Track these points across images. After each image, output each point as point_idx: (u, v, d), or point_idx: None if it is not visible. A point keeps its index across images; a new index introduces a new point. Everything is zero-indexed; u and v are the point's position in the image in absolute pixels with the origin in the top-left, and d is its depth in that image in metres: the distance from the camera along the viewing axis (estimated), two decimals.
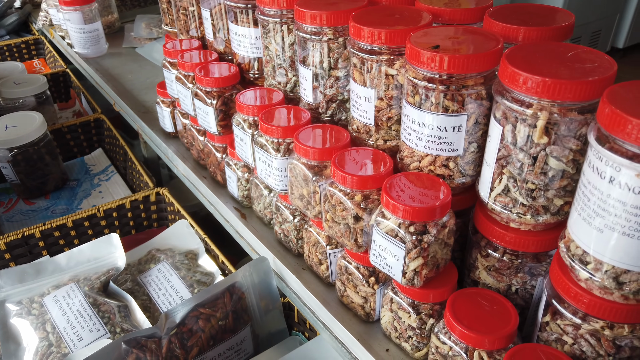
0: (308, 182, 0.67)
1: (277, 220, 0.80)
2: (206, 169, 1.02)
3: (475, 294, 0.57)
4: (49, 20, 1.94)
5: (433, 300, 0.59)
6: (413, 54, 0.54)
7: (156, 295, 0.86)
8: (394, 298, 0.61)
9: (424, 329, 0.59)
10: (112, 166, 1.33)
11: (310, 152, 0.66)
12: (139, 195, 1.06)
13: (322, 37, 0.69)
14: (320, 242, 0.71)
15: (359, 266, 0.65)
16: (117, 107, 1.33)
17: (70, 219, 0.99)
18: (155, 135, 1.12)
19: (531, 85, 0.47)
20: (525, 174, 0.51)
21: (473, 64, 0.52)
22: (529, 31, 0.58)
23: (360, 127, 0.68)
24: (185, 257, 0.93)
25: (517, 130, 0.50)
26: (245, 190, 0.89)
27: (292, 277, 0.74)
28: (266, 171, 0.75)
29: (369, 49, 0.62)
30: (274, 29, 0.78)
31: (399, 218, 0.55)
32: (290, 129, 0.70)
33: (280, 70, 0.81)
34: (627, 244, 0.42)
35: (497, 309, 0.55)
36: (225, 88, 0.87)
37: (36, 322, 0.78)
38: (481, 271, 0.60)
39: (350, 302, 0.69)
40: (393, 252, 0.56)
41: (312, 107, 0.75)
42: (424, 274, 0.56)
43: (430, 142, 0.57)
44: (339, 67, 0.70)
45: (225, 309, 0.72)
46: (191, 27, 1.04)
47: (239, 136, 0.81)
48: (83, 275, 0.86)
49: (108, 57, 1.63)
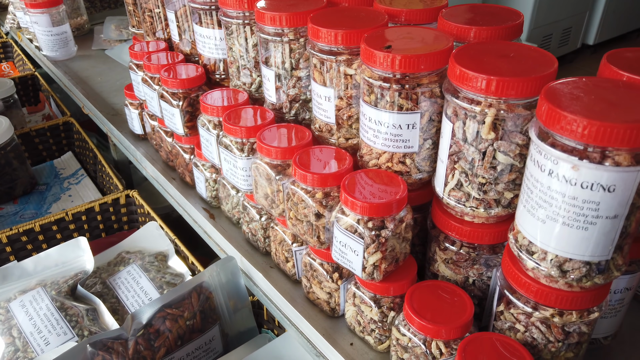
0: (271, 181, 0.68)
1: (245, 219, 0.81)
2: (175, 171, 1.02)
3: (434, 286, 0.58)
4: (16, 23, 1.91)
5: (393, 293, 0.60)
6: (367, 54, 0.56)
7: (125, 297, 0.86)
8: (356, 292, 0.63)
9: (385, 322, 0.61)
10: (82, 169, 1.32)
11: (272, 152, 0.67)
12: (108, 198, 1.06)
13: (283, 38, 0.70)
14: (286, 240, 0.72)
15: (323, 262, 0.66)
16: (86, 110, 1.32)
17: (37, 224, 0.99)
18: (124, 137, 1.11)
19: (478, 83, 0.48)
20: (475, 168, 0.52)
21: (424, 62, 0.54)
22: (480, 31, 0.60)
23: (322, 126, 0.69)
24: (155, 259, 0.93)
25: (467, 126, 0.51)
26: (213, 191, 0.89)
27: (259, 275, 0.75)
28: (231, 171, 0.75)
29: (327, 49, 0.63)
30: (237, 30, 0.79)
31: (357, 214, 0.56)
32: (254, 129, 0.71)
33: (245, 71, 0.82)
34: (568, 234, 0.44)
35: (454, 300, 0.57)
36: (191, 89, 0.87)
37: (2, 328, 0.77)
38: (440, 264, 0.62)
39: (316, 298, 0.70)
40: (353, 247, 0.57)
41: (275, 107, 0.76)
42: (383, 268, 0.58)
43: (387, 139, 0.58)
44: (301, 68, 0.71)
45: (192, 309, 0.73)
46: (157, 29, 1.04)
47: (204, 137, 0.81)
48: (50, 280, 0.85)
49: (77, 59, 1.62)
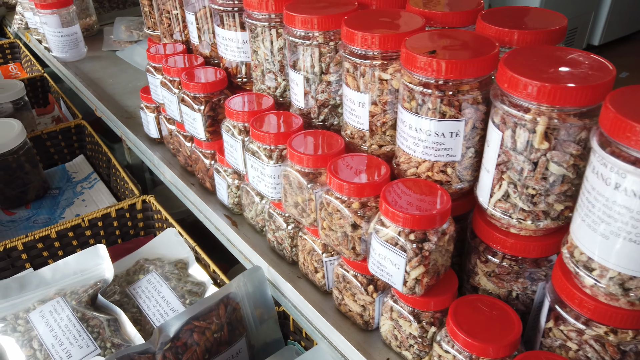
0: (303, 190, 0.65)
1: (270, 227, 0.78)
2: (194, 176, 0.99)
3: (477, 301, 0.56)
4: (24, 24, 1.88)
5: (434, 308, 0.58)
6: (409, 58, 0.53)
7: (147, 307, 0.83)
8: (394, 306, 0.61)
9: (425, 337, 0.59)
10: (95, 173, 1.30)
11: (304, 159, 0.64)
12: (124, 204, 1.03)
13: (313, 42, 0.67)
14: (316, 250, 0.70)
15: (357, 274, 0.64)
16: (98, 112, 1.30)
17: (53, 230, 0.96)
18: (140, 141, 1.09)
19: (531, 90, 0.46)
20: (525, 179, 0.50)
21: (470, 69, 0.51)
22: (523, 34, 0.57)
23: (354, 132, 0.67)
24: (175, 267, 0.91)
25: (517, 135, 0.49)
26: (235, 197, 0.87)
27: (288, 286, 0.72)
28: (258, 178, 0.73)
29: (361, 53, 0.61)
30: (262, 33, 0.76)
31: (398, 226, 0.54)
32: (283, 135, 0.69)
33: (270, 74, 0.79)
34: (633, 251, 0.42)
35: (499, 315, 0.54)
36: (212, 93, 0.85)
37: (22, 339, 0.75)
38: (481, 277, 0.60)
39: (348, 310, 0.68)
40: (393, 260, 0.55)
41: (303, 112, 0.74)
42: (425, 282, 0.55)
43: (428, 147, 0.56)
44: (331, 72, 0.69)
45: (220, 321, 0.70)
46: (175, 31, 1.02)
47: (229, 143, 0.79)
48: (70, 289, 0.83)
49: (87, 60, 1.59)
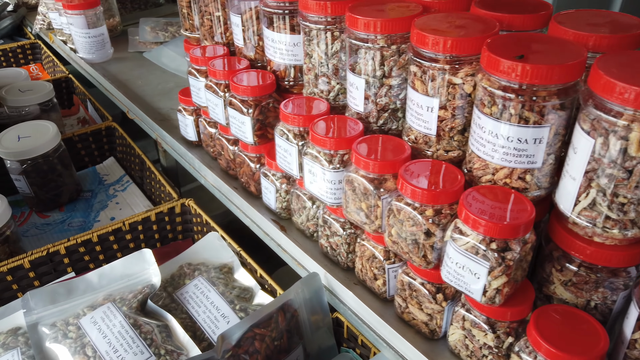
0: (368, 196, 0.64)
1: (324, 233, 0.77)
2: (235, 179, 0.98)
3: (558, 311, 0.55)
4: (46, 24, 1.88)
5: (511, 318, 0.57)
6: (492, 62, 0.52)
7: (196, 313, 0.82)
8: (466, 316, 0.59)
9: (501, 347, 0.57)
10: (127, 176, 1.29)
11: (370, 165, 0.63)
12: (164, 207, 1.02)
13: (376, 45, 0.66)
14: (377, 257, 0.69)
15: (425, 282, 0.63)
16: (130, 114, 1.29)
17: (95, 234, 0.95)
18: (178, 144, 1.08)
19: (628, 95, 0.45)
20: (617, 187, 0.49)
21: (558, 74, 0.50)
22: (601, 39, 0.56)
23: (419, 137, 0.66)
24: (220, 272, 0.90)
25: (610, 143, 0.48)
26: (284, 202, 0.86)
27: (348, 293, 0.71)
28: (316, 184, 0.72)
29: (431, 56, 0.60)
30: (318, 36, 0.75)
31: (480, 234, 0.53)
32: (345, 140, 0.68)
33: (323, 78, 0.78)
34: None
35: (582, 326, 0.53)
36: (262, 97, 0.84)
37: (74, 346, 0.74)
38: (557, 286, 0.58)
39: (412, 318, 0.66)
40: (473, 270, 0.54)
41: (361, 116, 0.73)
42: (506, 292, 0.54)
43: (507, 154, 0.55)
44: (393, 75, 0.68)
45: (279, 328, 0.69)
46: (216, 33, 1.01)
47: (282, 147, 0.78)
48: (118, 294, 0.82)
49: (113, 62, 1.59)
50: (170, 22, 1.74)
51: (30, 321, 0.78)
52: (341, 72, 0.77)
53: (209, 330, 0.80)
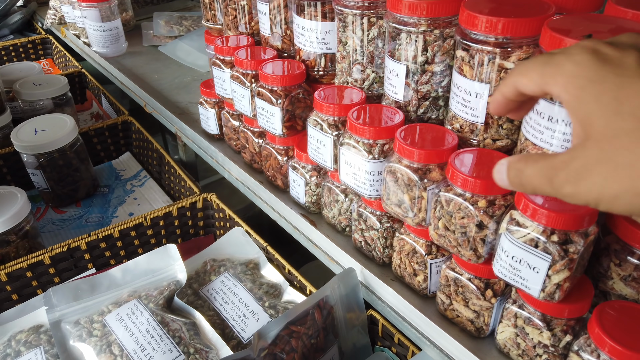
0: (412, 187, 0.61)
1: (358, 227, 0.74)
2: (260, 173, 0.96)
3: (622, 308, 0.52)
4: (58, 19, 1.85)
5: (568, 315, 0.53)
6: (555, 42, 0.49)
7: (224, 310, 0.79)
8: (519, 313, 0.56)
9: (557, 346, 0.54)
10: (144, 171, 1.26)
11: (415, 154, 0.60)
12: (186, 202, 0.99)
13: (420, 29, 0.63)
14: (419, 251, 0.66)
15: (472, 277, 0.60)
16: (148, 108, 1.26)
17: (116, 229, 0.92)
18: (200, 137, 1.05)
19: None
20: None
21: None
22: None
23: (464, 125, 0.63)
24: (247, 268, 0.87)
25: None
26: (313, 196, 0.83)
27: (387, 289, 0.68)
28: (354, 175, 0.69)
29: (482, 39, 0.57)
30: (354, 22, 0.72)
31: (540, 225, 0.49)
32: (386, 129, 0.65)
33: (358, 66, 0.75)
34: None
35: None
36: (292, 87, 0.81)
37: (100, 344, 0.71)
38: (616, 281, 0.55)
39: (456, 316, 0.63)
40: (532, 263, 0.51)
41: (400, 105, 0.70)
42: (566, 288, 0.51)
43: (567, 141, 0.52)
44: (436, 62, 0.65)
45: (316, 326, 0.66)
46: (240, 23, 0.98)
47: (315, 137, 0.75)
48: (143, 291, 0.79)
49: (127, 56, 1.56)
50: (185, 16, 1.71)
51: (53, 319, 0.76)
52: (377, 59, 0.74)
53: (238, 328, 0.77)
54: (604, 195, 0.33)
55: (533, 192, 0.38)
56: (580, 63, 0.34)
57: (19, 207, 0.90)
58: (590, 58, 0.34)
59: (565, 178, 0.34)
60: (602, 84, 0.33)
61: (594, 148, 0.33)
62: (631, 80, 0.32)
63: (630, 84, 0.32)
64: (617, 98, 0.32)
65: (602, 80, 0.33)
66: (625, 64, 0.33)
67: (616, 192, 0.32)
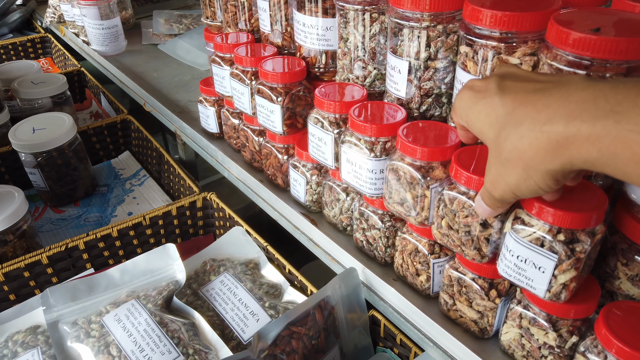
0: (415, 185, 0.60)
1: (360, 226, 0.73)
2: (260, 172, 0.94)
3: (628, 308, 0.50)
4: (57, 17, 1.84)
5: (575, 316, 0.52)
6: (562, 36, 0.48)
7: (224, 310, 0.78)
8: (524, 313, 0.55)
9: (563, 347, 0.53)
10: (144, 170, 1.25)
11: (418, 151, 0.59)
12: (185, 201, 0.98)
13: (422, 24, 0.62)
14: (421, 251, 0.65)
15: (476, 277, 0.59)
16: (147, 106, 1.25)
17: (115, 229, 0.91)
18: (200, 136, 1.04)
19: None
20: None
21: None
22: None
23: None
24: (247, 267, 0.86)
25: None
26: (314, 195, 0.82)
27: (389, 289, 0.67)
28: (355, 173, 0.68)
29: (486, 34, 0.56)
30: (355, 18, 0.71)
31: (546, 224, 0.48)
32: (388, 127, 0.64)
33: (359, 63, 0.74)
34: None
35: None
36: (292, 84, 0.80)
37: (98, 345, 0.70)
38: (623, 281, 0.54)
39: (459, 316, 0.62)
40: (537, 263, 0.50)
41: (402, 102, 0.69)
42: (572, 288, 0.50)
43: None
44: (439, 58, 0.64)
45: (317, 327, 0.65)
46: (240, 20, 0.97)
47: (316, 135, 0.74)
48: (142, 291, 0.78)
49: (127, 54, 1.55)
50: (184, 14, 1.70)
51: (51, 319, 0.75)
52: (379, 56, 0.73)
53: (238, 329, 0.76)
54: (514, 187, 0.43)
55: (500, 203, 0.48)
56: (463, 98, 0.47)
57: (16, 206, 0.89)
58: (467, 92, 0.46)
59: (489, 186, 0.46)
60: (477, 106, 0.44)
61: (493, 155, 0.44)
62: (492, 97, 0.43)
63: (492, 100, 0.43)
64: (487, 114, 0.43)
65: (476, 104, 0.44)
66: (489, 89, 0.44)
67: (516, 183, 0.42)
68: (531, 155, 0.39)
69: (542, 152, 0.39)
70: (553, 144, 0.38)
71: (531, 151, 0.39)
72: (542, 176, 0.40)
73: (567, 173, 0.40)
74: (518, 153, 0.40)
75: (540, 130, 0.38)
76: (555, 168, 0.39)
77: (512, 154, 0.41)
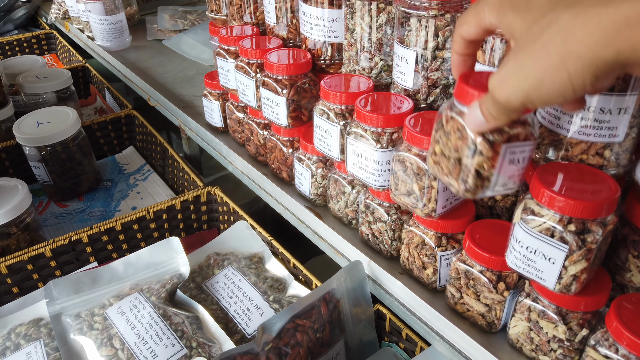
0: (422, 176, 0.59)
1: (365, 219, 0.72)
2: (265, 166, 0.94)
3: (638, 301, 0.50)
4: (62, 13, 1.84)
5: (585, 308, 0.51)
6: None
7: (227, 304, 0.78)
8: (533, 306, 0.54)
9: (573, 340, 0.52)
10: (148, 165, 1.25)
11: (425, 142, 0.58)
12: (189, 195, 0.98)
13: (430, 13, 0.61)
14: (428, 244, 0.64)
15: (484, 269, 0.58)
16: (152, 101, 1.25)
17: (119, 222, 0.91)
18: (204, 130, 1.03)
19: None
20: None
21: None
22: None
23: None
24: (251, 261, 0.85)
25: None
26: (319, 188, 0.81)
27: (396, 282, 0.66)
28: (361, 165, 0.67)
29: None
30: (362, 9, 0.70)
31: (557, 214, 0.47)
32: (395, 117, 0.63)
33: (365, 54, 0.73)
34: None
35: None
36: (297, 76, 0.79)
37: (101, 338, 0.70)
38: (634, 274, 0.53)
39: (467, 310, 0.61)
40: (547, 254, 0.49)
41: (409, 93, 0.68)
42: (583, 279, 0.49)
43: (587, 127, 0.50)
44: (447, 47, 0.63)
45: (322, 320, 0.64)
46: (245, 12, 0.96)
47: (321, 127, 0.73)
48: (145, 284, 0.77)
49: (131, 50, 1.55)
50: (189, 10, 1.70)
51: (54, 311, 0.74)
52: (385, 47, 0.72)
53: (242, 322, 0.75)
54: (534, 84, 0.36)
55: (500, 110, 0.41)
56: None
57: (20, 198, 0.89)
58: None
59: (496, 85, 0.39)
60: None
61: (517, 48, 0.38)
62: None
63: None
64: (527, 3, 0.37)
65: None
66: None
67: (540, 77, 0.35)
68: (582, 37, 0.33)
69: (599, 33, 0.32)
70: (616, 24, 0.31)
71: (583, 32, 0.33)
72: (583, 67, 0.33)
73: (615, 68, 0.33)
74: (564, 36, 0.34)
75: (605, 5, 0.32)
76: (607, 56, 0.32)
77: (555, 37, 0.34)
